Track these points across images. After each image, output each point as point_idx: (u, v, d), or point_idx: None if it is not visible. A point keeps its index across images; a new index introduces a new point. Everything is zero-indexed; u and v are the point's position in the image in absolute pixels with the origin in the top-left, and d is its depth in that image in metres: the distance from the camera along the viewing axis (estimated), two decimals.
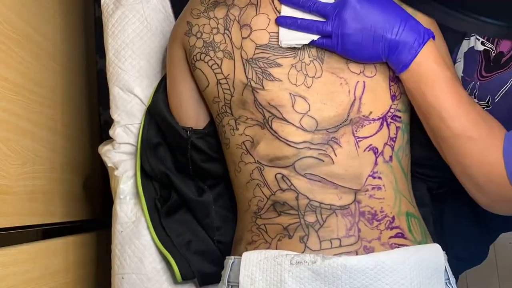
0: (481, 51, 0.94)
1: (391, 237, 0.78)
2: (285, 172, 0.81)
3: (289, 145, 0.81)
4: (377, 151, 0.81)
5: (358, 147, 0.80)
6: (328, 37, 0.79)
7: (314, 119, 0.81)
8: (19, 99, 0.99)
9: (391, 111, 0.82)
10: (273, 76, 0.82)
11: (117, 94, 1.07)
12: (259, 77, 0.82)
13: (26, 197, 0.99)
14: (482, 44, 0.95)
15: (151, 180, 1.02)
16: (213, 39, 0.86)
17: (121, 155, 1.06)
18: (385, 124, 0.81)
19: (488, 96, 0.91)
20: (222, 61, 0.85)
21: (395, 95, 0.83)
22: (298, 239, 0.79)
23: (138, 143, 1.02)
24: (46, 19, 1.17)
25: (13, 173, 0.94)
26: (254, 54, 0.83)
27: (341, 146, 0.80)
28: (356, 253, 0.76)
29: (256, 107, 0.83)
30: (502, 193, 0.76)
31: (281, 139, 0.81)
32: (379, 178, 0.80)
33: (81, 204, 1.32)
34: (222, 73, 0.85)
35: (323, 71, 0.81)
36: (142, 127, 1.02)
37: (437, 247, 0.80)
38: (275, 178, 0.81)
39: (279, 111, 0.81)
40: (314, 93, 0.81)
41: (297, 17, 0.81)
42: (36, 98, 1.07)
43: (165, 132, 0.99)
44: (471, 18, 0.77)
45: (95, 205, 1.40)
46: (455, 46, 0.98)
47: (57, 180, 1.16)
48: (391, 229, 0.79)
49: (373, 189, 0.80)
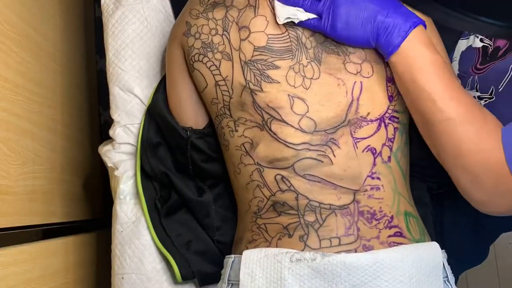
0: (479, 48, 0.94)
1: (390, 236, 0.78)
2: (284, 173, 0.81)
3: (288, 147, 0.81)
4: (376, 152, 0.81)
5: (356, 148, 0.80)
6: (319, 18, 0.79)
7: (312, 120, 0.81)
8: (19, 99, 0.99)
9: (389, 112, 0.82)
10: (271, 78, 0.82)
11: (117, 94, 1.07)
12: (257, 79, 0.82)
13: (26, 197, 0.99)
14: (480, 41, 0.95)
15: (151, 180, 1.02)
16: (212, 40, 0.86)
17: (121, 155, 1.07)
18: (383, 125, 0.81)
19: (491, 87, 0.90)
20: (220, 63, 0.85)
21: (392, 96, 0.82)
22: (298, 238, 0.79)
23: (138, 143, 1.02)
24: (46, 19, 1.17)
25: (13, 173, 0.94)
26: (252, 56, 0.83)
27: (339, 147, 0.80)
28: (355, 251, 0.77)
29: (255, 109, 0.83)
30: (499, 183, 0.73)
31: (280, 141, 0.81)
32: (378, 178, 0.80)
33: (81, 204, 1.32)
34: (220, 74, 0.85)
35: (321, 72, 0.81)
36: (142, 127, 1.02)
37: (435, 245, 0.80)
38: (275, 179, 0.81)
39: (278, 112, 0.81)
40: (312, 94, 0.81)
41: None
42: (36, 98, 1.07)
43: (165, 132, 0.99)
44: (471, 18, 0.77)
45: (95, 205, 1.40)
46: (452, 46, 0.98)
47: (57, 180, 1.16)
48: (390, 228, 0.79)
49: (372, 189, 0.80)
